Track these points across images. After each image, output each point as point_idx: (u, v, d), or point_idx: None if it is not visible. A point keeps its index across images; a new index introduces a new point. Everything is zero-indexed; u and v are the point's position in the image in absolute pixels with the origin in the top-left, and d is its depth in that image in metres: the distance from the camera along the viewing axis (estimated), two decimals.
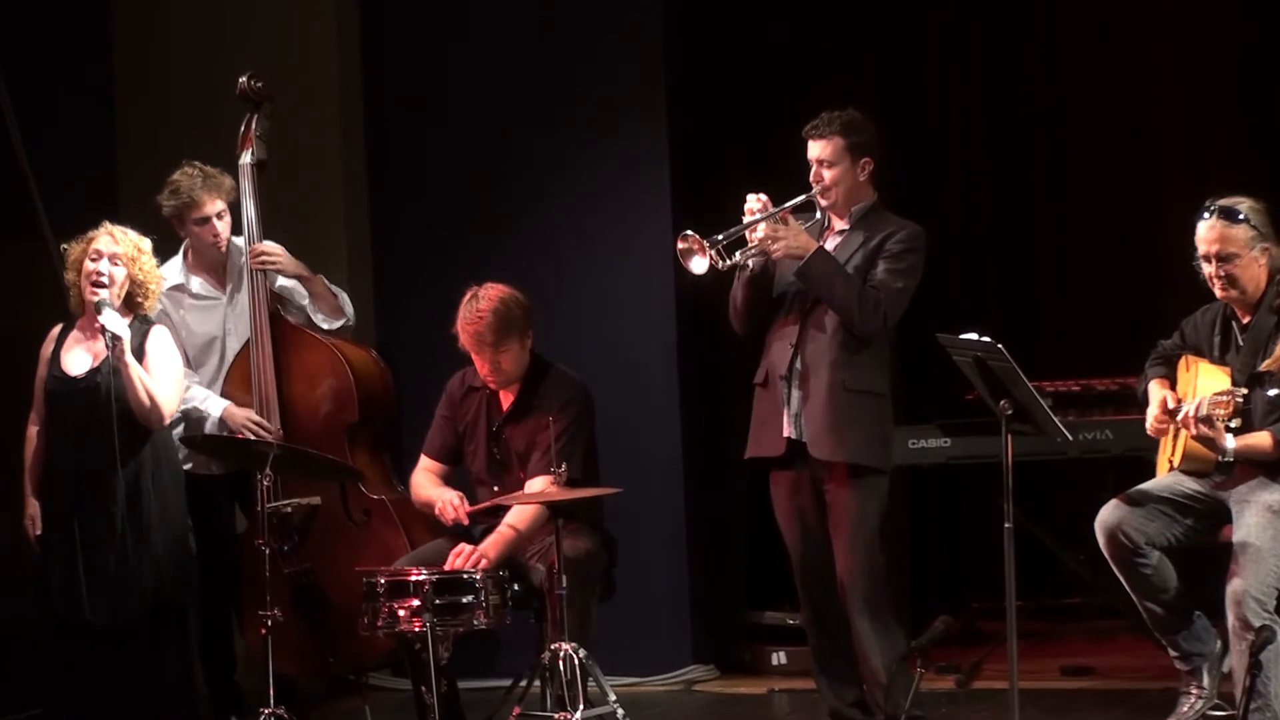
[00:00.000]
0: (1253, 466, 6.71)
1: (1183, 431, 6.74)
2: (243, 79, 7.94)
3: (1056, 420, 6.70)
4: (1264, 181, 7.53)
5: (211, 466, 7.76)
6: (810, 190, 7.10)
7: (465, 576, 6.98)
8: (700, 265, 6.98)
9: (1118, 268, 9.72)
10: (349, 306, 8.01)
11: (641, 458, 8.67)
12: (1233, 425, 6.55)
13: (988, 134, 9.95)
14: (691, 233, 6.97)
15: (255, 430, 7.67)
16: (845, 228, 7.13)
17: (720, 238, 6.97)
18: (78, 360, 7.30)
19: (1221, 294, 6.78)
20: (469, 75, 9.12)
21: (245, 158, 7.91)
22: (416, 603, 6.91)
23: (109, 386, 7.12)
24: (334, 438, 7.71)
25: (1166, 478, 6.91)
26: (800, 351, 7.05)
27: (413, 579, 6.95)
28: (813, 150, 7.06)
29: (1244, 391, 6.52)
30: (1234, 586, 6.51)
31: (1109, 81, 9.70)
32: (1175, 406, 6.75)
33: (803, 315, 7.07)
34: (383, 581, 6.98)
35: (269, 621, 7.09)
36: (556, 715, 6.87)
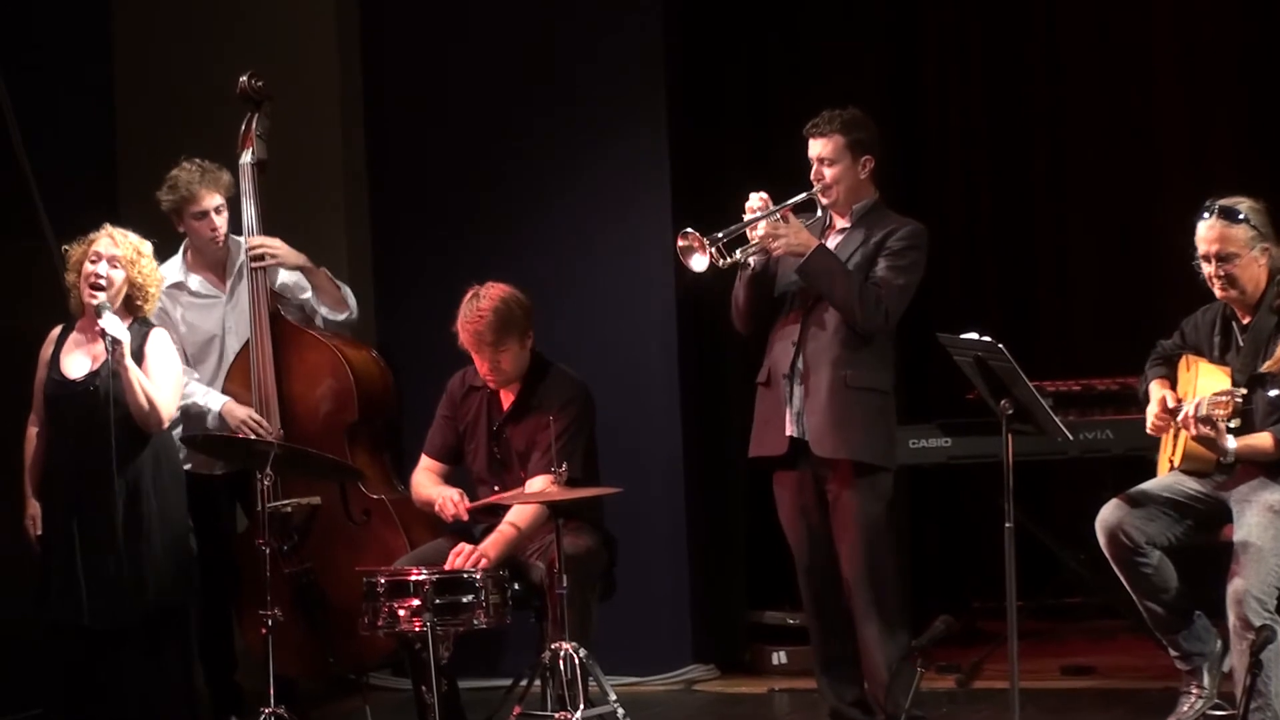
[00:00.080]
0: (1254, 467, 6.71)
1: (1183, 431, 6.74)
2: (243, 78, 7.95)
3: (1057, 420, 6.71)
4: (1264, 181, 7.52)
5: (214, 467, 7.76)
6: (811, 188, 7.10)
7: (465, 576, 6.98)
8: (700, 263, 6.99)
9: (1118, 268, 9.71)
10: (352, 299, 8.02)
11: (641, 458, 8.66)
12: (1232, 426, 6.55)
13: (988, 134, 9.94)
14: (691, 230, 6.98)
15: (254, 429, 7.67)
16: (846, 226, 7.14)
17: (720, 235, 6.97)
18: (77, 363, 7.29)
19: (1221, 294, 6.78)
20: (469, 75, 9.12)
21: (246, 157, 7.92)
22: (417, 602, 6.90)
23: (108, 390, 7.11)
24: (334, 437, 7.71)
25: (1167, 477, 6.91)
26: (802, 350, 7.05)
27: (413, 579, 6.95)
28: (813, 148, 7.07)
29: (1243, 392, 6.52)
30: (1235, 586, 6.51)
31: (1109, 81, 9.69)
32: (1175, 406, 6.75)
33: (804, 313, 7.07)
34: (383, 581, 6.97)
35: (269, 621, 7.09)
36: (557, 715, 6.86)
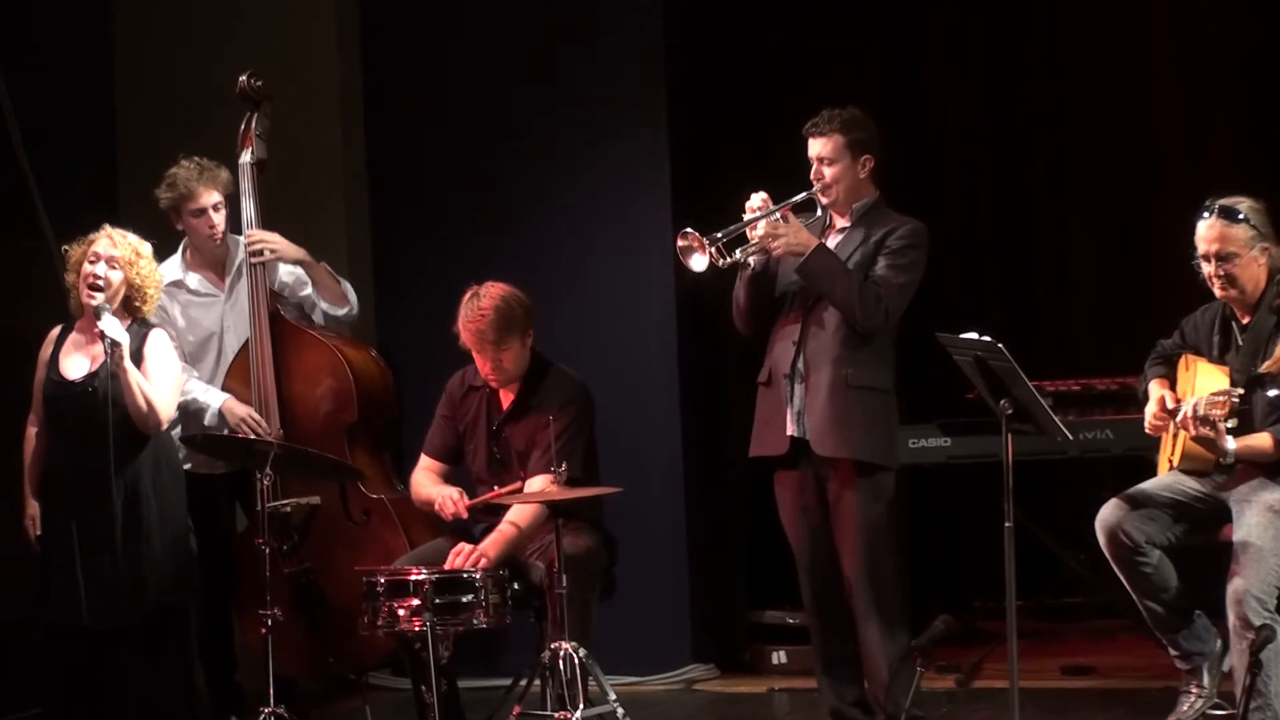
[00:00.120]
0: (1253, 467, 6.70)
1: (1182, 431, 6.74)
2: (242, 78, 7.95)
3: (1057, 420, 6.70)
4: (1264, 181, 7.52)
5: (214, 466, 7.76)
6: (811, 188, 7.10)
7: (465, 576, 6.98)
8: (700, 263, 6.98)
9: (1118, 268, 9.71)
10: (352, 294, 8.02)
11: (641, 458, 8.67)
12: (1229, 426, 6.55)
13: (988, 134, 9.95)
14: (691, 230, 6.97)
15: (253, 427, 7.66)
16: (847, 225, 7.13)
17: (719, 235, 6.97)
18: (76, 364, 7.29)
19: (1221, 293, 6.78)
20: (469, 75, 9.12)
21: (245, 157, 7.92)
22: (416, 602, 6.90)
23: (106, 391, 7.11)
24: (333, 437, 7.71)
25: (1166, 477, 6.90)
26: (803, 349, 7.04)
27: (412, 578, 6.95)
28: (813, 148, 7.06)
29: (1240, 391, 6.51)
30: (1234, 586, 6.50)
31: (1109, 81, 9.70)
32: (1174, 407, 6.75)
33: (805, 313, 7.06)
34: (382, 581, 6.97)
35: (269, 621, 7.09)
36: (556, 714, 6.87)
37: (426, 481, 7.48)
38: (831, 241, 7.10)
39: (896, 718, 6.91)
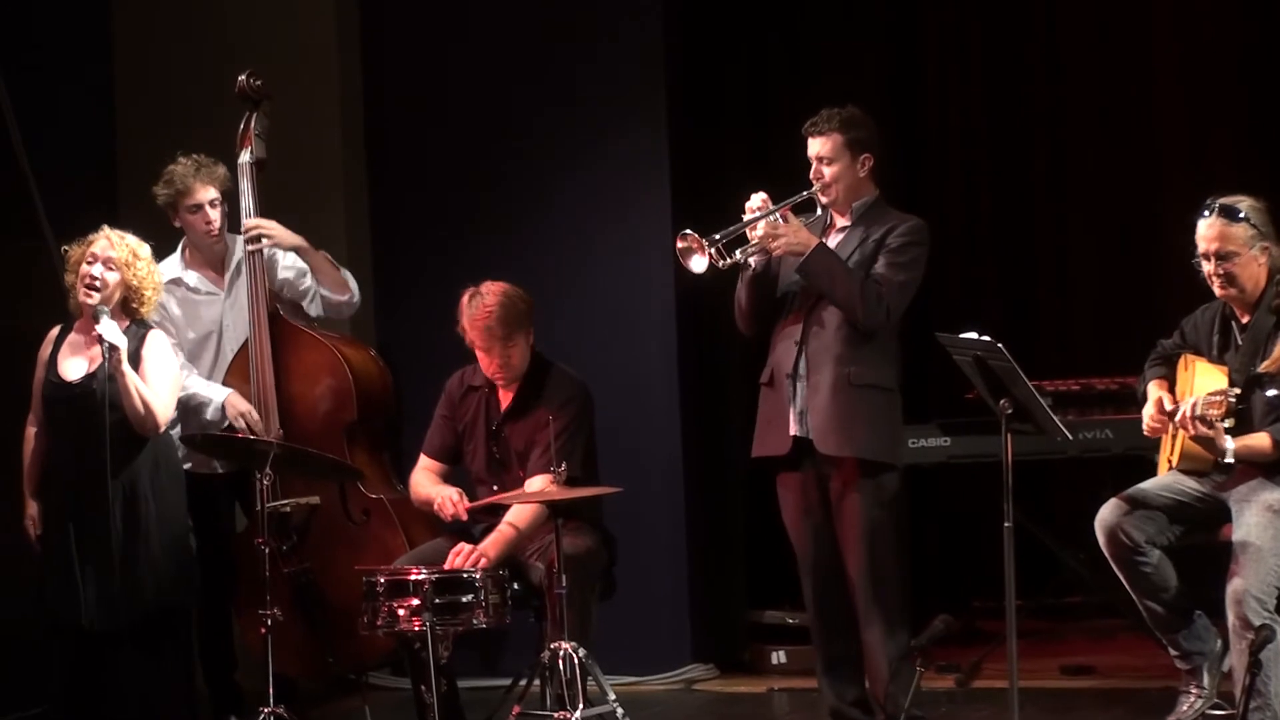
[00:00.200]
0: (1252, 467, 6.70)
1: (1181, 431, 6.73)
2: (242, 77, 7.94)
3: (1056, 419, 6.69)
4: (1264, 181, 7.50)
5: (213, 466, 7.76)
6: (811, 188, 7.09)
7: (465, 575, 6.98)
8: (700, 264, 6.97)
9: (1118, 268, 9.71)
10: (353, 282, 7.99)
11: (641, 458, 8.66)
12: (1227, 425, 6.54)
13: (988, 134, 9.95)
14: (690, 231, 6.96)
15: (250, 424, 7.65)
16: (847, 224, 7.12)
17: (718, 236, 6.96)
18: (74, 365, 7.27)
19: (1220, 292, 6.78)
20: (469, 75, 9.12)
21: (244, 156, 7.91)
22: (416, 602, 6.90)
23: (104, 392, 7.10)
24: (333, 437, 7.70)
25: (1166, 477, 6.90)
26: (805, 349, 7.02)
27: (412, 578, 6.94)
28: (812, 147, 7.06)
29: (1237, 391, 6.51)
30: (1234, 586, 6.50)
31: (1109, 81, 9.70)
32: (1172, 408, 6.74)
33: (807, 313, 7.05)
34: (382, 581, 6.97)
35: (268, 620, 7.09)
36: (556, 714, 6.86)
37: (426, 481, 7.48)
38: (832, 241, 7.09)
39: (896, 717, 6.91)
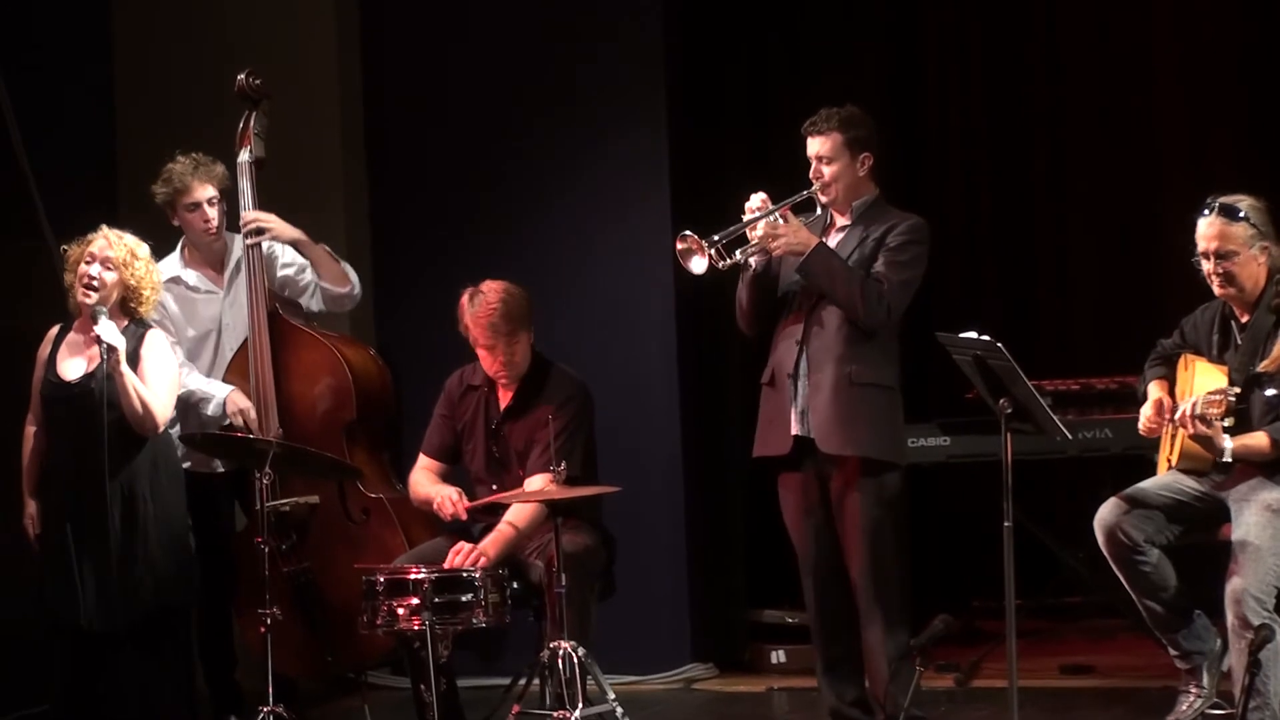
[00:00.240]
0: (1251, 466, 6.70)
1: (1180, 430, 6.73)
2: (241, 76, 7.93)
3: (1056, 419, 6.69)
4: (1264, 181, 7.50)
5: (213, 465, 7.75)
6: (810, 187, 7.09)
7: (464, 575, 6.97)
8: (700, 265, 6.97)
9: (1118, 268, 9.71)
10: (354, 275, 7.97)
11: (641, 458, 8.67)
12: (1226, 424, 6.54)
13: (988, 134, 9.95)
14: (690, 233, 6.96)
15: (248, 421, 7.63)
16: (847, 224, 7.11)
17: (717, 238, 6.95)
18: (73, 365, 7.27)
19: (1219, 291, 6.78)
20: (469, 75, 9.12)
21: (244, 155, 7.90)
22: (416, 601, 6.90)
23: (102, 392, 7.10)
24: (332, 436, 7.69)
25: (1165, 476, 6.90)
26: (806, 348, 7.02)
27: (412, 577, 6.94)
28: (811, 147, 7.05)
29: (1236, 390, 6.51)
30: (1233, 585, 6.50)
31: (1109, 81, 9.70)
32: (1170, 408, 6.74)
33: (808, 312, 7.04)
34: (382, 580, 6.97)
35: (268, 620, 7.09)
36: (555, 713, 6.86)
37: (425, 481, 7.48)
38: (832, 240, 7.09)
39: (896, 717, 6.90)
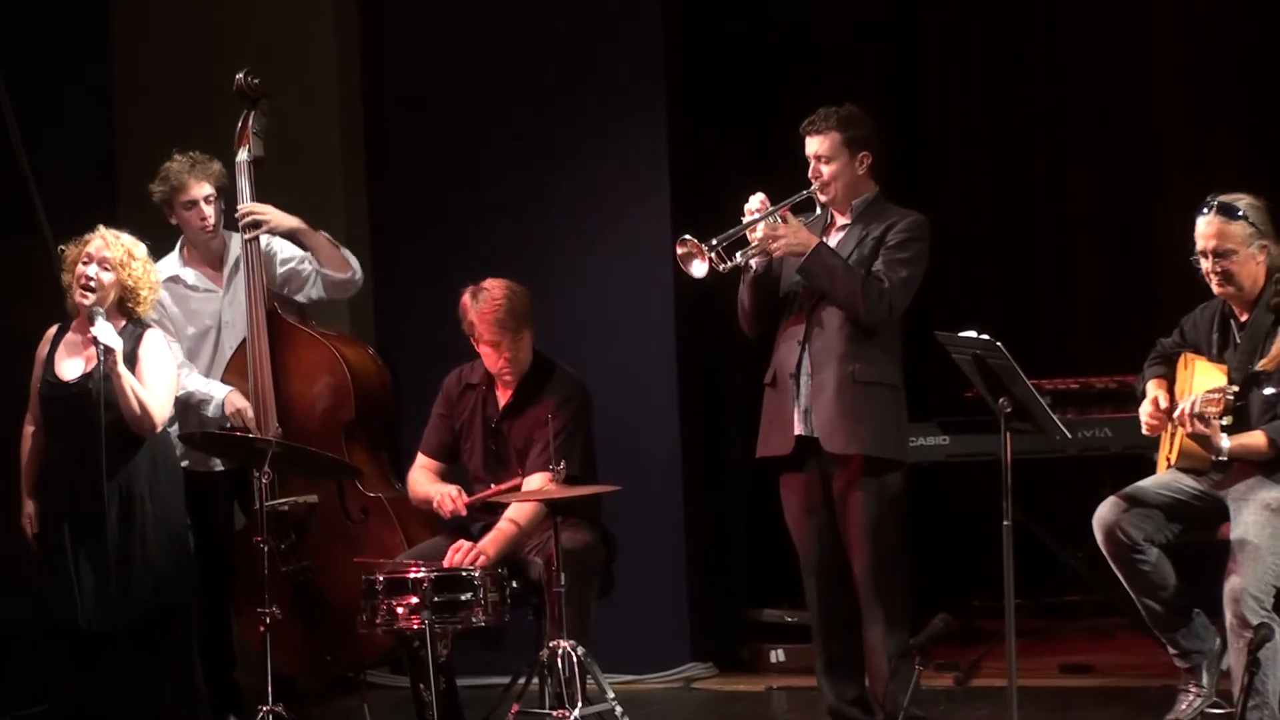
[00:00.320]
0: (1250, 465, 6.70)
1: (1179, 429, 6.73)
2: (240, 75, 7.92)
3: (1055, 418, 6.69)
4: (1264, 181, 7.49)
5: (211, 463, 7.75)
6: (809, 187, 7.08)
7: (464, 574, 6.97)
8: (700, 269, 6.96)
9: (1118, 268, 9.72)
10: (354, 260, 7.95)
11: (641, 457, 8.67)
12: (1224, 423, 6.54)
13: (988, 134, 9.96)
14: (690, 237, 6.95)
15: (245, 421, 7.63)
16: (847, 223, 7.11)
17: (716, 241, 6.95)
18: (71, 365, 7.27)
19: (1218, 290, 6.77)
20: (469, 75, 9.12)
21: (242, 155, 7.90)
22: (415, 600, 6.89)
23: (100, 393, 7.09)
24: (331, 435, 7.69)
25: (1164, 475, 6.89)
26: (808, 348, 7.01)
27: (411, 576, 6.94)
28: (810, 146, 7.04)
29: (1235, 389, 6.51)
30: (1232, 584, 6.49)
31: (1109, 81, 9.70)
32: (1169, 407, 6.74)
33: (809, 312, 7.03)
34: (381, 579, 6.96)
35: (267, 619, 7.09)
36: (555, 713, 6.86)
37: (424, 480, 7.48)
38: (833, 239, 7.08)
39: (895, 716, 6.90)
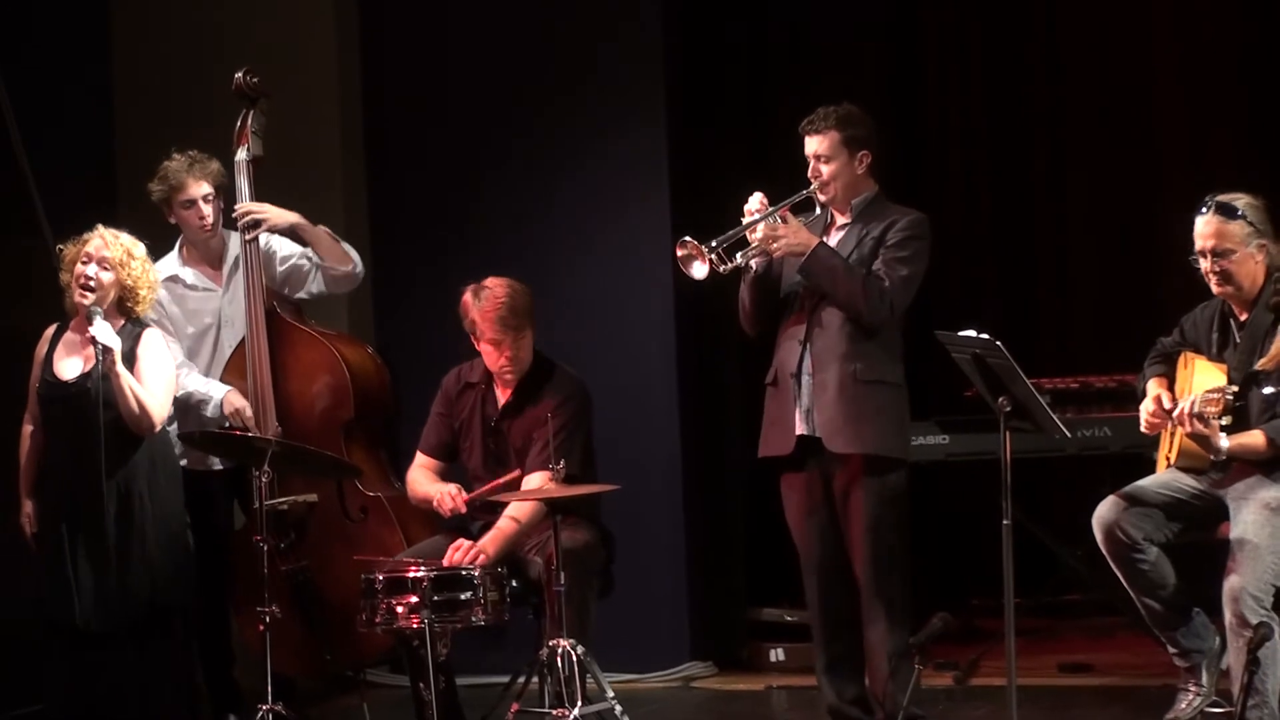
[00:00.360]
0: (1250, 464, 6.70)
1: (1179, 428, 6.73)
2: (239, 74, 7.91)
3: (1055, 417, 6.68)
4: (1264, 181, 7.49)
5: (209, 462, 7.75)
6: (809, 186, 7.08)
7: (464, 573, 6.97)
8: (701, 271, 6.96)
9: (1118, 268, 9.72)
10: (355, 253, 7.94)
11: (641, 457, 8.67)
12: (1224, 423, 6.54)
13: (988, 134, 9.97)
14: (690, 239, 6.95)
15: (243, 421, 7.63)
16: (847, 222, 7.10)
17: (715, 243, 6.94)
18: (70, 364, 7.27)
19: (1217, 290, 6.77)
20: (469, 75, 9.13)
21: (241, 154, 7.89)
22: (415, 599, 6.89)
23: (99, 392, 7.09)
24: (330, 434, 7.68)
25: (1164, 474, 6.89)
26: (809, 347, 7.01)
27: (411, 575, 6.94)
28: (809, 146, 7.03)
29: (1234, 389, 6.51)
30: (1231, 583, 6.49)
31: (1109, 81, 9.71)
32: (1170, 406, 6.74)
33: (810, 312, 7.02)
34: (381, 578, 6.96)
35: (266, 618, 7.09)
36: (554, 711, 6.86)
37: (423, 479, 7.48)
38: (833, 239, 7.07)
39: (894, 715, 6.90)
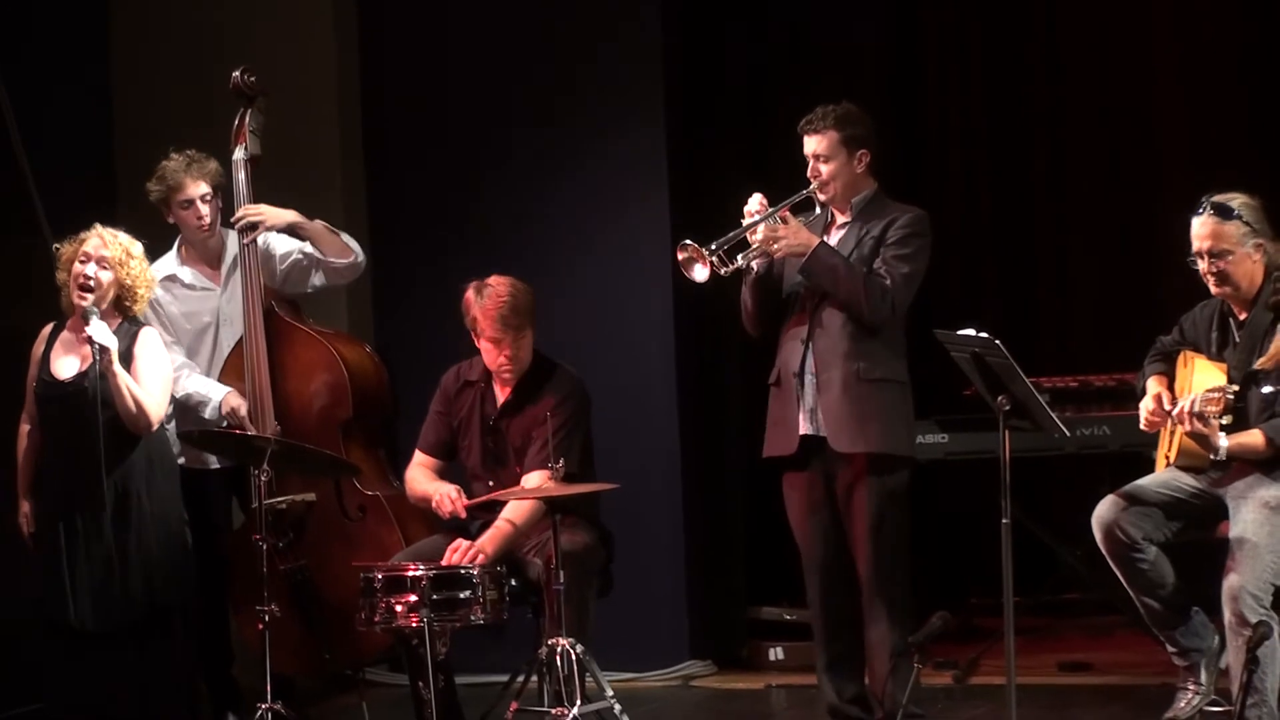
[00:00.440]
0: (1249, 464, 6.70)
1: (1179, 427, 6.73)
2: (236, 73, 7.91)
3: (1054, 416, 6.68)
4: (1264, 181, 7.49)
5: (207, 461, 7.75)
6: (808, 186, 7.08)
7: (463, 572, 6.97)
8: (702, 273, 6.96)
9: (1118, 268, 9.72)
10: (355, 244, 7.93)
11: (641, 457, 8.67)
12: (1224, 422, 6.54)
13: (988, 134, 9.96)
14: (690, 242, 6.95)
15: (240, 420, 7.63)
16: (847, 221, 7.11)
17: (715, 245, 6.94)
18: (67, 363, 7.27)
19: (1215, 290, 6.77)
20: (469, 75, 9.13)
21: (239, 152, 7.88)
22: (414, 598, 6.89)
23: (96, 391, 7.09)
24: (329, 433, 7.68)
25: (1163, 473, 6.89)
26: (812, 347, 7.01)
27: (410, 574, 6.94)
28: (808, 145, 7.04)
29: (1234, 388, 6.51)
30: (1230, 582, 6.50)
31: (1109, 81, 9.71)
32: (1170, 405, 6.75)
33: (811, 312, 7.02)
34: (380, 577, 6.96)
35: (265, 617, 7.09)
36: (554, 710, 6.87)
37: (422, 478, 7.47)
38: (833, 238, 7.08)
39: (894, 714, 6.90)
